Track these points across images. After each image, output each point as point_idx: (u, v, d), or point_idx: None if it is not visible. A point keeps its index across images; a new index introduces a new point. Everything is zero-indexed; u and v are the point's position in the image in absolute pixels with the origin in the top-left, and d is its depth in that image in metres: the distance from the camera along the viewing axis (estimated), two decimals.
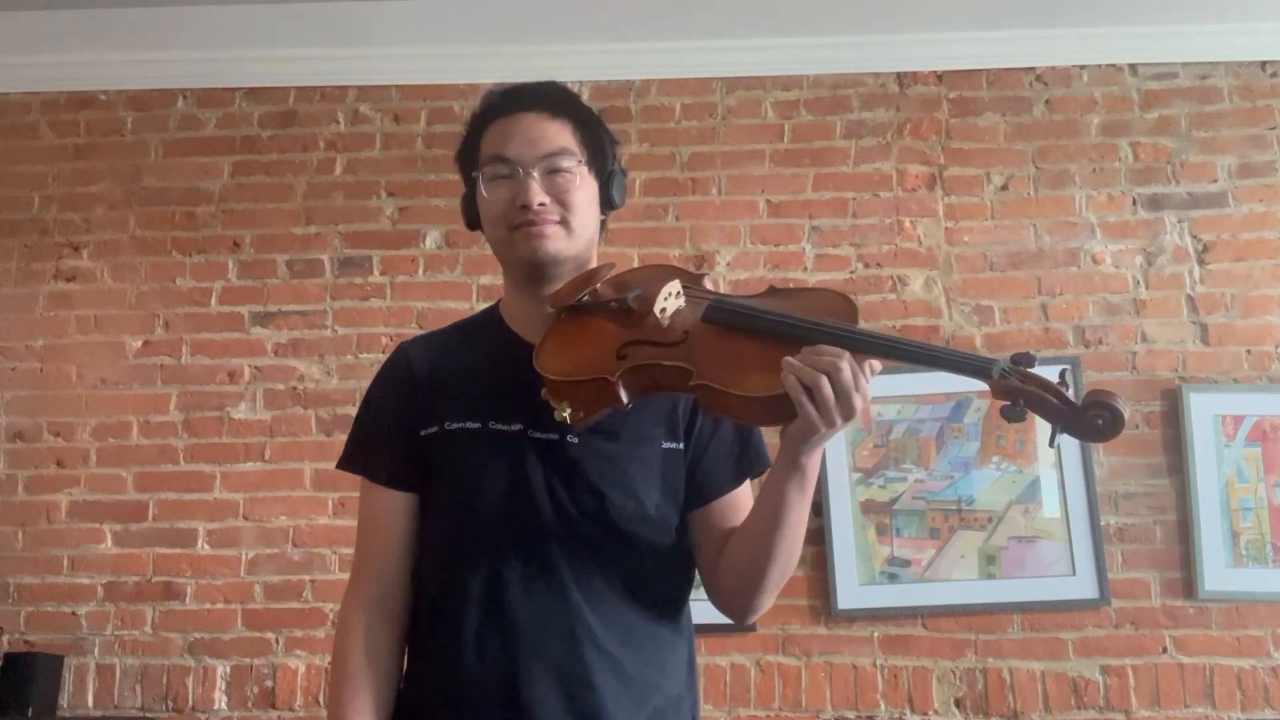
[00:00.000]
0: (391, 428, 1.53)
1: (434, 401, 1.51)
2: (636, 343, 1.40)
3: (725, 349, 1.37)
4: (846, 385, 1.26)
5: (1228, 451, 3.03)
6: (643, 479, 1.46)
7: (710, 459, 1.51)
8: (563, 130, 1.51)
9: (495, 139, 1.51)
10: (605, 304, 1.47)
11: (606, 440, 1.45)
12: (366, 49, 3.40)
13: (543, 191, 1.47)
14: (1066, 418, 1.26)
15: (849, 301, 1.41)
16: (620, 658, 1.42)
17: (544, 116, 1.51)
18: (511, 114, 1.52)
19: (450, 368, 1.54)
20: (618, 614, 1.43)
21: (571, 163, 1.49)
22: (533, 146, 1.48)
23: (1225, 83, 3.31)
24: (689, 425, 1.51)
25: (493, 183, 1.50)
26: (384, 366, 1.60)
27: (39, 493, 3.20)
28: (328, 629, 3.04)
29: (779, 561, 1.43)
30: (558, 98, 1.55)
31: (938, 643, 2.98)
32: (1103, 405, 1.24)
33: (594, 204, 1.54)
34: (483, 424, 1.47)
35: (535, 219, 1.47)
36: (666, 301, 1.44)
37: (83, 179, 3.42)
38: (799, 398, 1.26)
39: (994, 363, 1.28)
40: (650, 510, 1.46)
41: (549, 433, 1.45)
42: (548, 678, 1.39)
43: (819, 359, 1.27)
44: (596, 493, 1.44)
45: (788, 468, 1.37)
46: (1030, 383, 1.27)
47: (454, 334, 1.63)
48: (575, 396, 1.37)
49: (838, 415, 1.27)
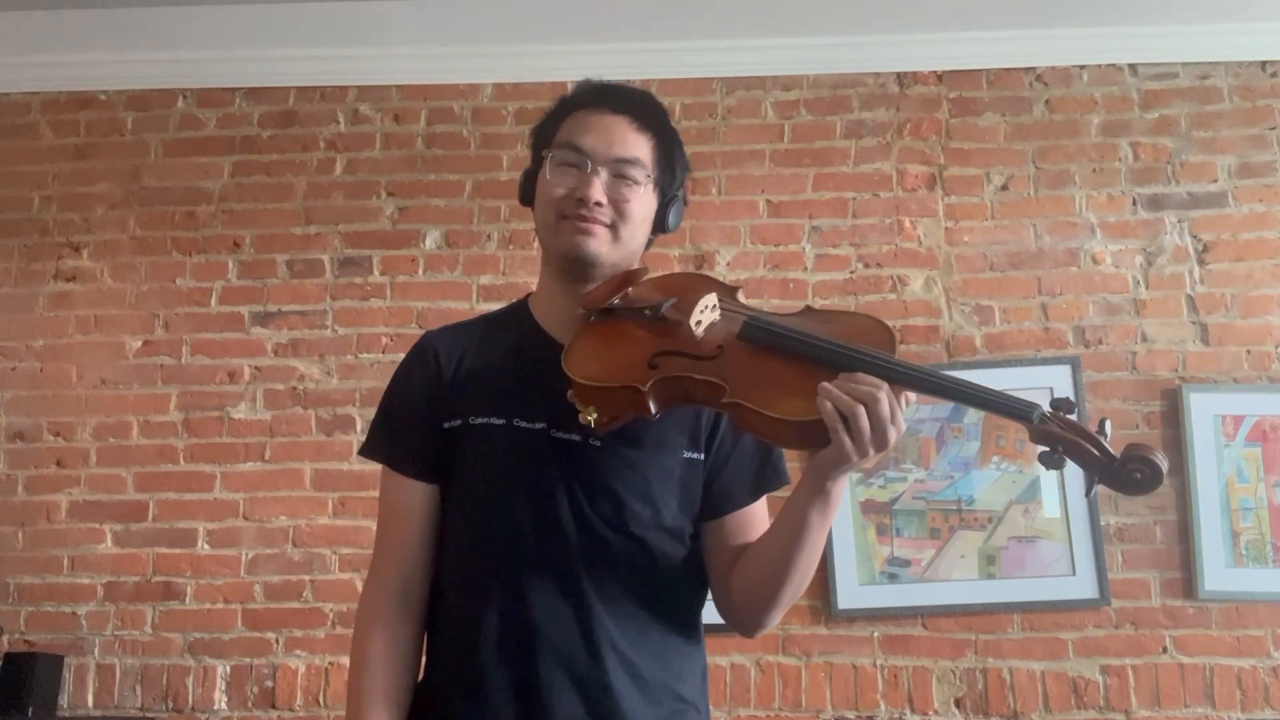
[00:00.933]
0: (416, 417, 1.52)
1: (459, 394, 1.51)
2: (669, 353, 1.38)
3: (760, 368, 1.35)
4: (884, 417, 1.25)
5: (1228, 451, 3.03)
6: (662, 487, 1.46)
7: (730, 472, 1.50)
8: (643, 142, 1.51)
9: (575, 127, 1.52)
10: (639, 310, 1.45)
11: (628, 446, 1.45)
12: (366, 49, 3.40)
13: (603, 191, 1.47)
14: (1105, 469, 1.25)
15: (888, 330, 1.39)
16: (637, 662, 1.42)
17: (630, 124, 1.51)
18: (600, 110, 1.52)
19: (477, 361, 1.54)
20: (634, 619, 1.43)
21: (640, 174, 1.49)
22: (609, 146, 1.49)
23: (1225, 83, 3.31)
24: (710, 436, 1.50)
25: (559, 168, 1.50)
26: (410, 355, 1.59)
27: (39, 493, 3.20)
28: (328, 629, 3.04)
29: (794, 581, 1.43)
30: (650, 110, 1.55)
31: (938, 643, 2.98)
32: (1142, 460, 1.24)
33: (648, 221, 1.54)
34: (507, 420, 1.47)
35: (588, 215, 1.47)
36: (702, 314, 1.42)
37: (83, 179, 3.42)
38: (835, 425, 1.25)
39: (1034, 407, 1.26)
40: (667, 519, 1.46)
41: (571, 434, 1.44)
42: (565, 678, 1.39)
43: (857, 389, 1.25)
44: (615, 498, 1.43)
45: (812, 492, 1.36)
46: (1070, 430, 1.26)
47: (481, 327, 1.62)
48: (603, 402, 1.36)
49: (871, 446, 1.26)
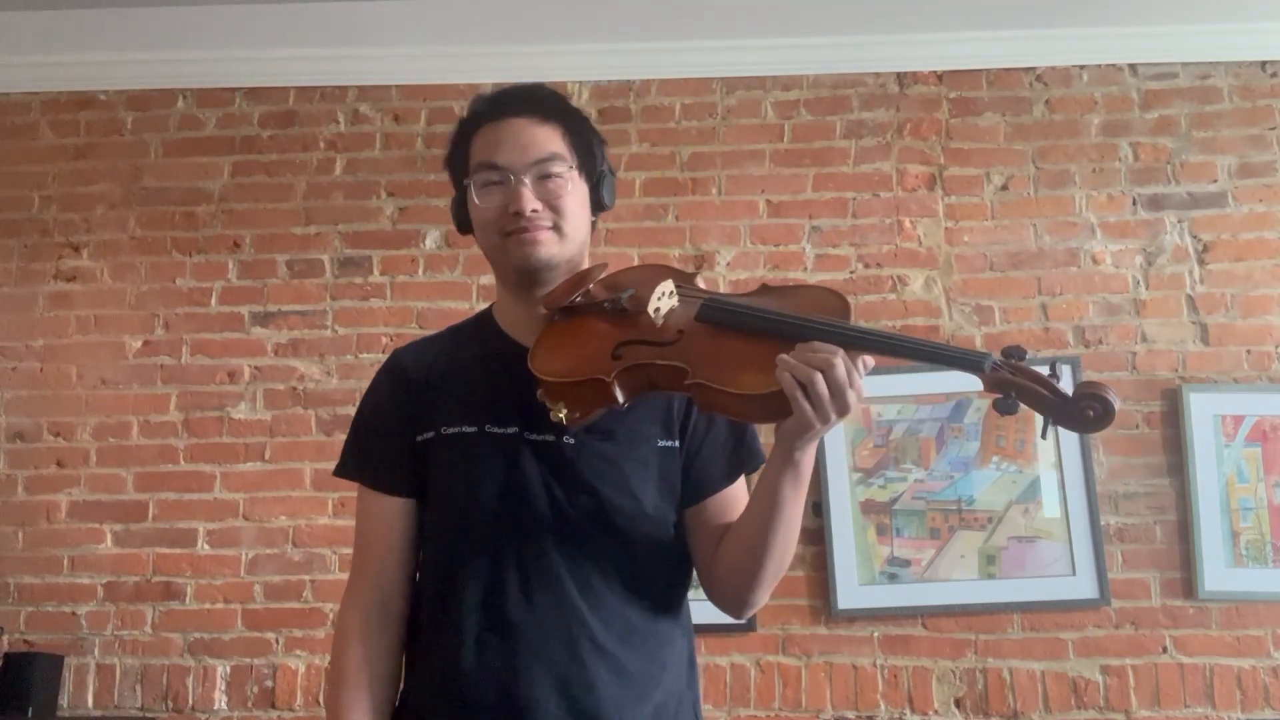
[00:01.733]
0: (388, 434, 1.53)
1: (430, 406, 1.51)
2: (631, 342, 1.40)
3: (720, 347, 1.37)
4: (840, 381, 1.27)
5: (1228, 451, 3.03)
6: (639, 478, 1.47)
7: (705, 456, 1.52)
8: (552, 135, 1.51)
9: (485, 145, 1.51)
10: (599, 304, 1.47)
11: (603, 440, 1.46)
12: (366, 49, 3.40)
13: (535, 198, 1.47)
14: (1058, 409, 1.27)
15: (841, 298, 1.42)
16: (621, 657, 1.42)
17: (533, 121, 1.50)
18: (500, 119, 1.51)
19: (445, 372, 1.54)
20: (617, 613, 1.44)
21: (562, 168, 1.49)
22: (523, 153, 1.48)
23: (1225, 83, 3.31)
24: (684, 423, 1.51)
25: (484, 190, 1.50)
26: (379, 373, 1.61)
27: (39, 493, 3.20)
28: (328, 629, 3.04)
29: (774, 556, 1.43)
30: (546, 102, 1.54)
31: (938, 643, 2.98)
32: (1093, 396, 1.26)
33: (585, 207, 1.54)
34: (479, 427, 1.48)
35: (528, 225, 1.47)
36: (660, 301, 1.45)
37: (83, 179, 3.42)
38: (794, 394, 1.27)
39: (985, 356, 1.29)
40: (648, 509, 1.46)
41: (545, 434, 1.45)
42: (547, 680, 1.39)
43: (813, 356, 1.28)
44: (594, 493, 1.44)
45: (782, 463, 1.37)
46: (1022, 375, 1.28)
47: (448, 338, 1.63)
48: (571, 397, 1.37)
49: (832, 411, 1.28)
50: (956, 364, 1.31)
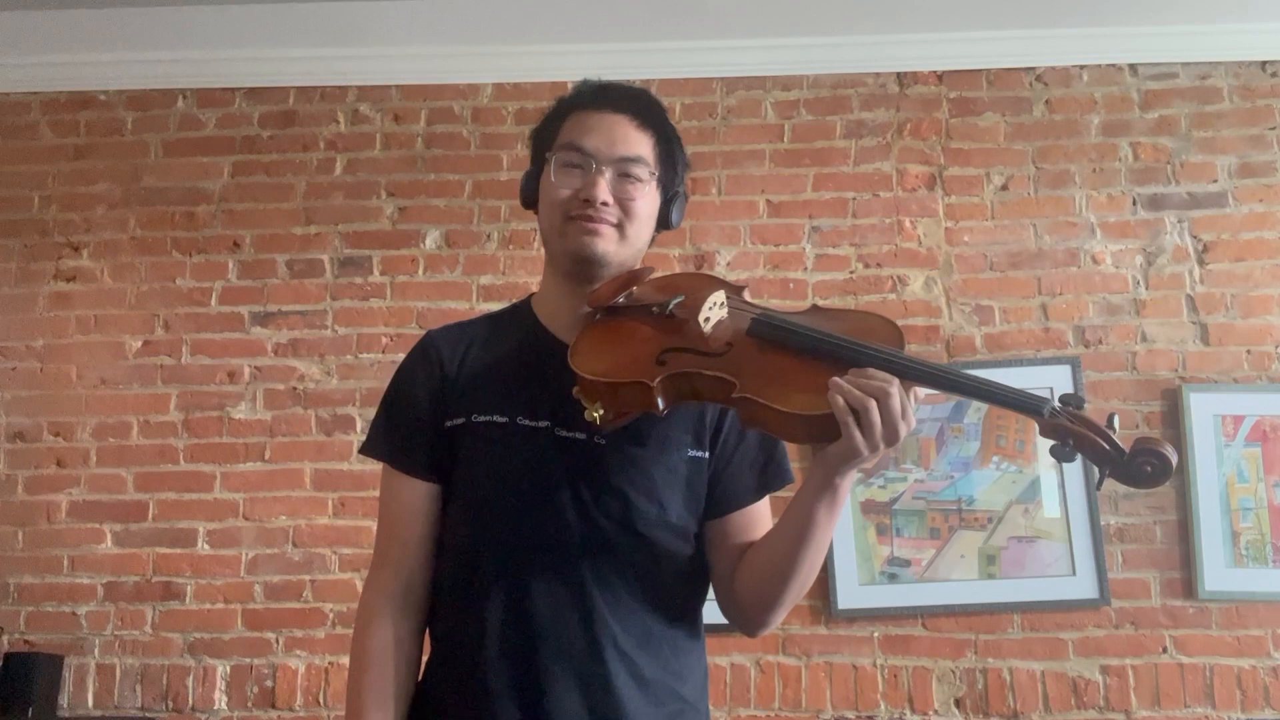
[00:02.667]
0: (418, 416, 1.52)
1: (462, 393, 1.51)
2: (677, 350, 1.39)
3: (769, 364, 1.35)
4: (895, 412, 1.26)
5: (1228, 451, 3.03)
6: (667, 485, 1.46)
7: (734, 471, 1.51)
8: (644, 140, 1.52)
9: (577, 128, 1.52)
10: (645, 308, 1.46)
11: (633, 444, 1.45)
12: (366, 49, 3.40)
13: (609, 191, 1.48)
14: (1115, 463, 1.26)
15: (896, 327, 1.40)
16: (639, 661, 1.42)
17: (631, 122, 1.52)
18: (600, 110, 1.53)
19: (480, 360, 1.54)
20: (637, 618, 1.43)
21: (644, 172, 1.50)
22: (612, 146, 1.49)
23: (1225, 83, 3.31)
24: (715, 434, 1.50)
25: (563, 169, 1.51)
26: (412, 354, 1.59)
27: (39, 493, 3.20)
28: (328, 629, 3.04)
29: (799, 578, 1.43)
30: (649, 108, 1.56)
31: (938, 643, 2.98)
32: (1151, 453, 1.25)
33: (653, 218, 1.55)
34: (510, 418, 1.47)
35: (594, 215, 1.47)
36: (710, 311, 1.43)
37: (83, 179, 3.42)
38: (845, 419, 1.26)
39: (1045, 402, 1.27)
40: (672, 517, 1.46)
41: (575, 432, 1.44)
42: (567, 678, 1.39)
43: (869, 383, 1.26)
44: (621, 496, 1.43)
45: (820, 487, 1.36)
46: (1080, 424, 1.27)
47: (484, 325, 1.61)
48: (610, 398, 1.36)
49: (882, 441, 1.27)
50: (1015, 406, 1.30)
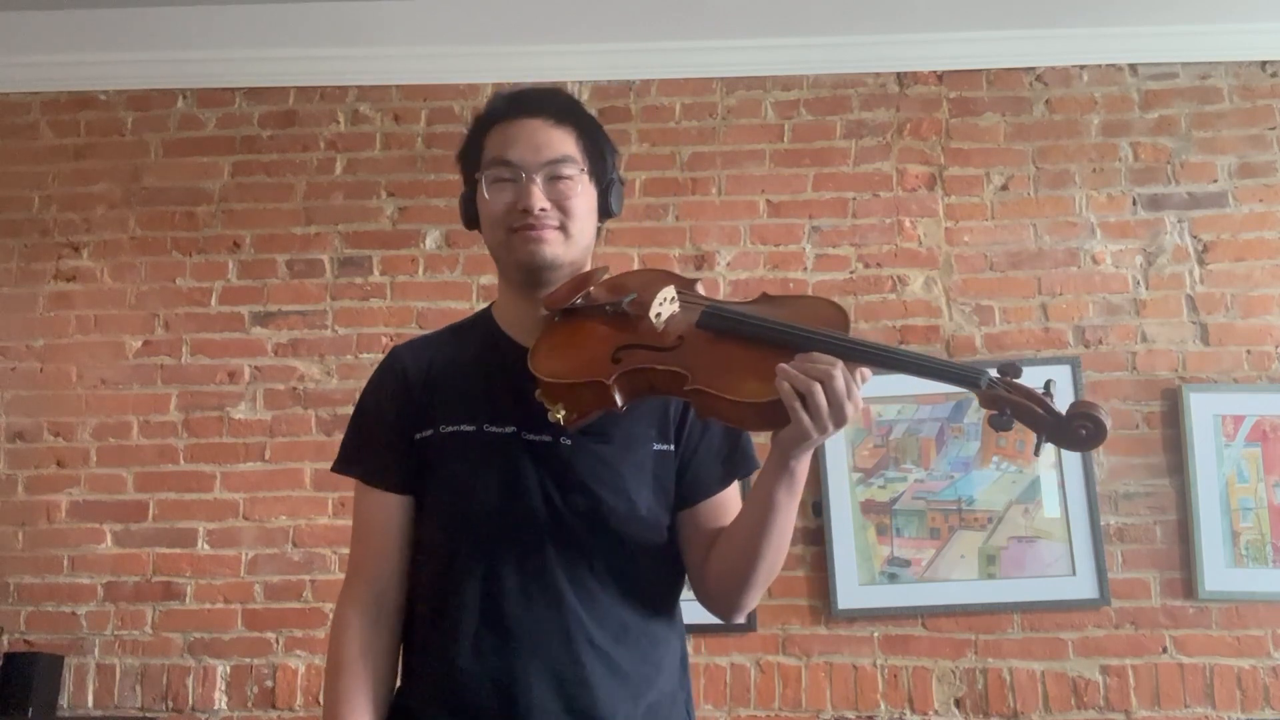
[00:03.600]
0: (386, 431, 1.54)
1: (428, 404, 1.52)
2: (631, 347, 1.41)
3: (720, 354, 1.38)
4: (839, 393, 1.29)
5: (1228, 451, 3.03)
6: (635, 480, 1.48)
7: (699, 461, 1.53)
8: (566, 138, 1.53)
9: (499, 142, 1.53)
10: (600, 307, 1.48)
11: (599, 442, 1.47)
12: (366, 49, 3.40)
13: (544, 197, 1.49)
14: (1051, 427, 1.30)
15: (841, 310, 1.43)
16: (615, 656, 1.43)
17: (549, 123, 1.52)
18: (516, 118, 1.53)
19: (444, 371, 1.55)
20: (611, 613, 1.45)
21: (574, 170, 1.51)
22: (536, 152, 1.50)
23: (1225, 83, 3.31)
24: (679, 427, 1.53)
25: (495, 185, 1.52)
26: (378, 370, 1.62)
27: (39, 493, 3.20)
28: (328, 629, 3.01)
29: (766, 561, 1.45)
30: (563, 105, 1.57)
31: (938, 643, 2.98)
32: (1086, 416, 1.28)
33: (593, 212, 1.56)
34: (477, 426, 1.49)
35: (535, 223, 1.49)
36: (661, 306, 1.46)
37: (83, 179, 3.42)
38: (793, 404, 1.29)
39: (981, 373, 1.31)
40: (642, 511, 1.47)
41: (542, 435, 1.46)
42: (544, 678, 1.40)
43: (813, 366, 1.30)
44: (590, 494, 1.45)
45: (778, 471, 1.39)
46: (1016, 393, 1.30)
47: (447, 337, 1.64)
48: (570, 399, 1.38)
49: (830, 422, 1.30)
50: (952, 379, 1.33)
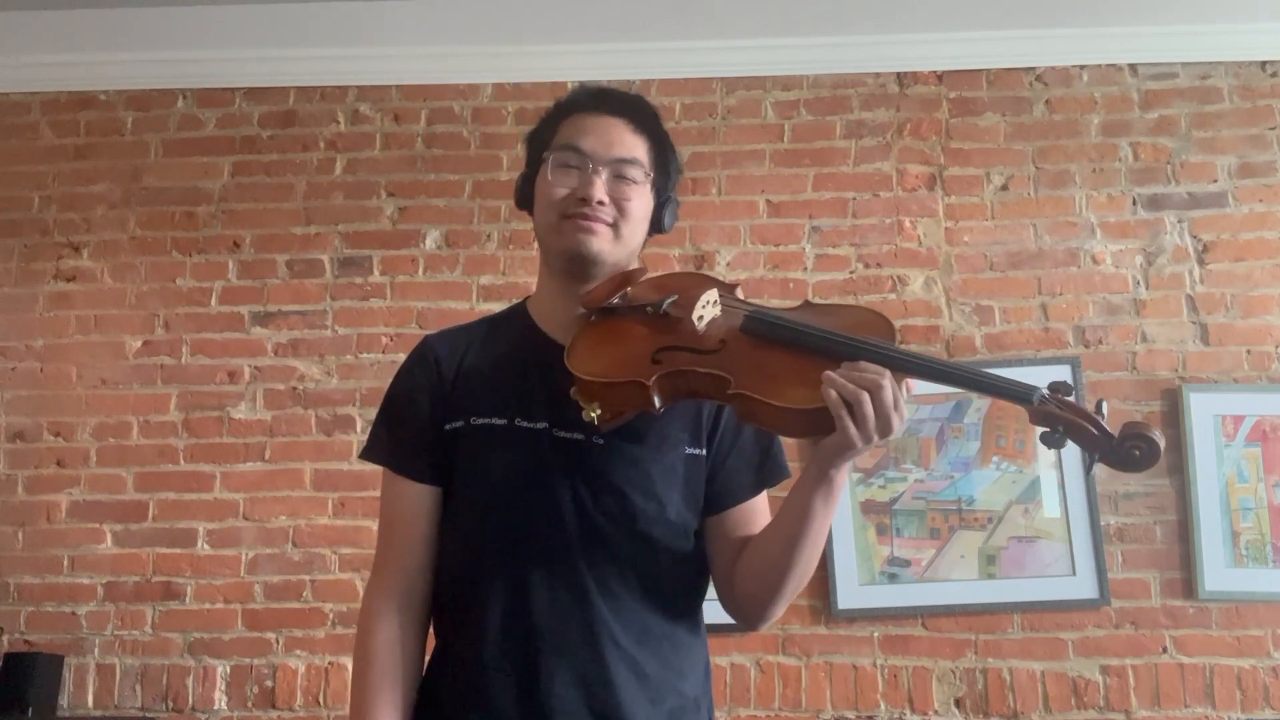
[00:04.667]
0: (417, 420, 1.53)
1: (461, 396, 1.52)
2: (672, 348, 1.40)
3: (763, 360, 1.37)
4: (887, 404, 1.28)
5: (1228, 451, 3.03)
6: (665, 483, 1.47)
7: (731, 467, 1.52)
8: (640, 143, 1.54)
9: (574, 130, 1.54)
10: (640, 308, 1.47)
11: (631, 443, 1.46)
12: (366, 49, 3.40)
13: (605, 191, 1.49)
14: (1104, 448, 1.28)
15: (887, 321, 1.42)
16: (639, 658, 1.43)
17: (627, 126, 1.54)
18: (597, 112, 1.55)
19: (477, 363, 1.55)
20: (636, 615, 1.44)
21: (639, 174, 1.52)
22: (609, 148, 1.51)
23: (1225, 83, 3.31)
24: (712, 431, 1.52)
25: (560, 169, 1.52)
26: (410, 358, 1.60)
27: (39, 493, 3.20)
28: (328, 629, 3.04)
29: (798, 570, 1.44)
30: (645, 112, 1.58)
31: (938, 643, 2.98)
32: (1140, 437, 1.26)
33: (647, 220, 1.57)
34: (509, 420, 1.48)
35: (590, 214, 1.49)
36: (704, 309, 1.45)
37: (83, 179, 3.42)
38: (840, 413, 1.28)
39: (1034, 390, 1.29)
40: (671, 514, 1.47)
41: (573, 432, 1.46)
42: (568, 675, 1.40)
43: (861, 376, 1.29)
44: (619, 495, 1.44)
45: (816, 480, 1.38)
46: (1069, 411, 1.29)
47: (481, 328, 1.63)
48: (607, 398, 1.37)
49: (875, 433, 1.29)
50: (1004, 395, 1.32)
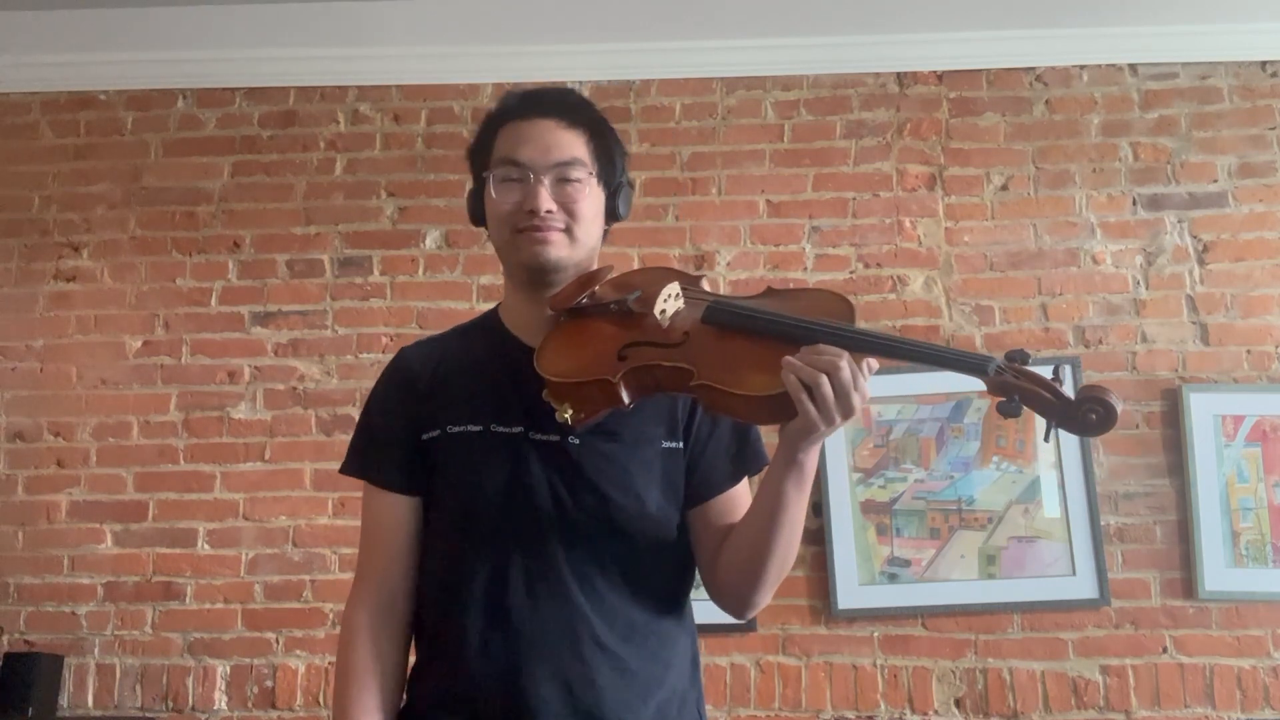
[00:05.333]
0: (393, 431, 1.54)
1: (435, 405, 1.52)
2: (637, 344, 1.41)
3: (725, 349, 1.38)
4: (846, 384, 1.28)
5: (1228, 451, 3.03)
6: (643, 478, 1.47)
7: (709, 458, 1.52)
8: (577, 140, 1.52)
9: (509, 142, 1.52)
10: (605, 306, 1.48)
11: (607, 441, 1.46)
12: (366, 49, 3.40)
13: (551, 199, 1.49)
14: (1060, 412, 1.28)
15: (846, 302, 1.43)
16: (624, 655, 1.43)
17: (560, 124, 1.52)
18: (528, 118, 1.53)
19: (451, 371, 1.55)
20: (620, 612, 1.44)
21: (582, 173, 1.51)
22: (546, 154, 1.50)
23: (1225, 83, 3.31)
24: (688, 424, 1.52)
25: (503, 184, 1.51)
26: (385, 371, 1.61)
27: (39, 493, 3.20)
28: (328, 629, 3.04)
29: (777, 556, 1.44)
30: (575, 106, 1.56)
31: (938, 643, 2.98)
32: (1096, 400, 1.27)
33: (600, 215, 1.56)
34: (484, 426, 1.49)
35: (541, 225, 1.48)
36: (666, 303, 1.45)
37: (83, 179, 3.42)
38: (799, 396, 1.28)
39: (990, 359, 1.30)
40: (651, 509, 1.47)
41: (550, 434, 1.46)
42: (551, 678, 1.40)
43: (818, 358, 1.29)
44: (598, 493, 1.45)
45: (786, 464, 1.38)
46: (1025, 379, 1.29)
47: (454, 337, 1.64)
48: (577, 398, 1.38)
49: (837, 413, 1.29)
50: (960, 367, 1.32)
